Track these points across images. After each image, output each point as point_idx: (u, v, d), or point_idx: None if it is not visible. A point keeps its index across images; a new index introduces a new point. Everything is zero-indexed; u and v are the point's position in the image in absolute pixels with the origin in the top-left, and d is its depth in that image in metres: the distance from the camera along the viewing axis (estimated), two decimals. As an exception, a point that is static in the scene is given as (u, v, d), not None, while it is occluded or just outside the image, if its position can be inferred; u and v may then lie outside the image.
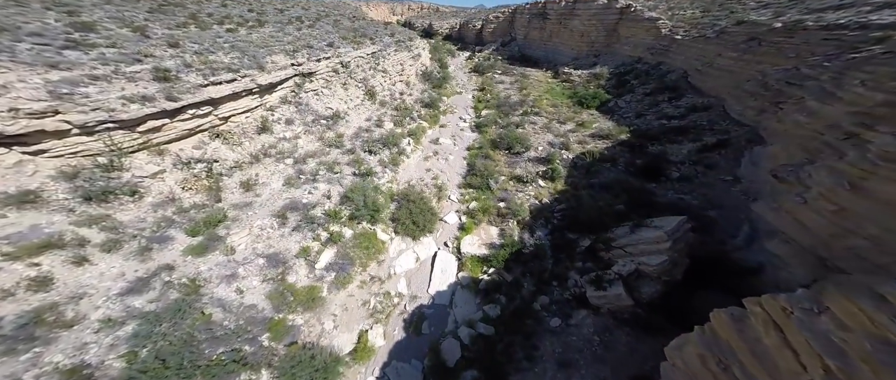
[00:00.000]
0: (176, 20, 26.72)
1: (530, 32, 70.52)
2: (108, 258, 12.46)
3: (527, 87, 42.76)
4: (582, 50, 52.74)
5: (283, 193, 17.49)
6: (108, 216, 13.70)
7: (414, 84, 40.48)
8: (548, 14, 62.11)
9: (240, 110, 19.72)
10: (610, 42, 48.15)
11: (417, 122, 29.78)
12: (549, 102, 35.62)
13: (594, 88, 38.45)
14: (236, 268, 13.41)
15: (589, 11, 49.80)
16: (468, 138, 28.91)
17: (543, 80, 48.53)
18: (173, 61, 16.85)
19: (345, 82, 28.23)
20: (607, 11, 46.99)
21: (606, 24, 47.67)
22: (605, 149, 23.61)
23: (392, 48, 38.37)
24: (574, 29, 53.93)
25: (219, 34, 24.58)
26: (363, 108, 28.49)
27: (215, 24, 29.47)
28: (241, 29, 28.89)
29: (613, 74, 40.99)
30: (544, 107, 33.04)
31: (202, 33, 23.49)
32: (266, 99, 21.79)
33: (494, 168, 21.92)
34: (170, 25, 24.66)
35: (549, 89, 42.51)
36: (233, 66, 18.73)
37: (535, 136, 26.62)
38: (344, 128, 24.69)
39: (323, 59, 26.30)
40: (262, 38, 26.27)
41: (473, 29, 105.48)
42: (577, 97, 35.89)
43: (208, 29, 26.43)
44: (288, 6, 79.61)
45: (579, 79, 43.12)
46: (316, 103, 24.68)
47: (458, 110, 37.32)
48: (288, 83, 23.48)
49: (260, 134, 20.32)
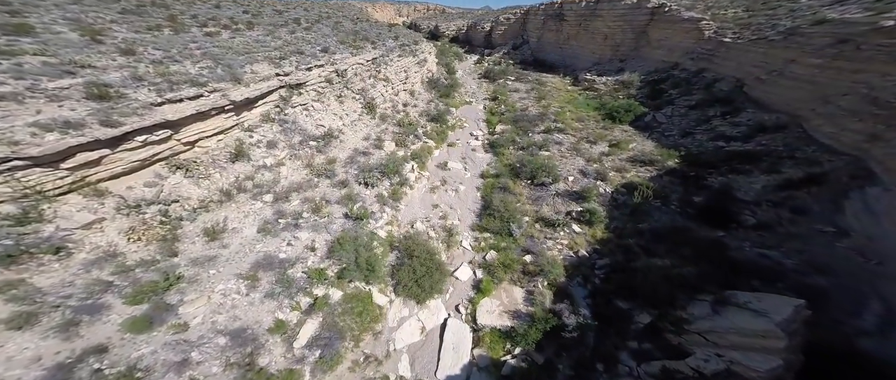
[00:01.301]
0: (149, 22, 23.97)
1: (545, 35, 67.46)
2: (20, 337, 9.65)
3: (545, 96, 39.50)
4: (605, 54, 49.50)
5: (256, 242, 14.36)
6: (21, 282, 10.72)
7: (419, 93, 37.44)
8: (565, 15, 59.03)
9: (209, 133, 16.67)
10: (638, 45, 44.85)
11: (422, 141, 26.67)
12: (574, 114, 32.32)
13: (624, 99, 35.02)
14: (189, 351, 10.48)
15: (614, 12, 46.57)
16: (481, 161, 25.64)
17: (562, 88, 45.27)
18: (118, 74, 13.85)
19: (340, 94, 25.20)
20: (636, 12, 43.75)
21: (635, 25, 44.40)
22: (650, 179, 20.18)
23: (395, 53, 35.43)
24: (596, 31, 50.81)
25: (194, 39, 21.71)
26: (361, 123, 25.39)
27: (196, 26, 26.73)
28: (224, 32, 26.08)
29: (645, 82, 37.56)
30: (569, 122, 29.73)
31: (173, 38, 20.62)
32: (243, 117, 18.76)
33: (515, 205, 18.55)
34: (139, 28, 21.87)
35: (570, 99, 39.21)
36: (199, 79, 15.72)
37: (562, 161, 23.19)
38: (337, 150, 21.57)
39: (315, 68, 23.30)
40: (244, 44, 23.39)
41: (482, 31, 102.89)
42: (605, 109, 32.41)
43: (185, 32, 23.62)
44: (289, 7, 77.82)
45: (605, 87, 39.83)
46: (305, 120, 21.62)
47: (468, 124, 34.14)
48: (271, 97, 20.46)
49: (234, 162, 17.25)
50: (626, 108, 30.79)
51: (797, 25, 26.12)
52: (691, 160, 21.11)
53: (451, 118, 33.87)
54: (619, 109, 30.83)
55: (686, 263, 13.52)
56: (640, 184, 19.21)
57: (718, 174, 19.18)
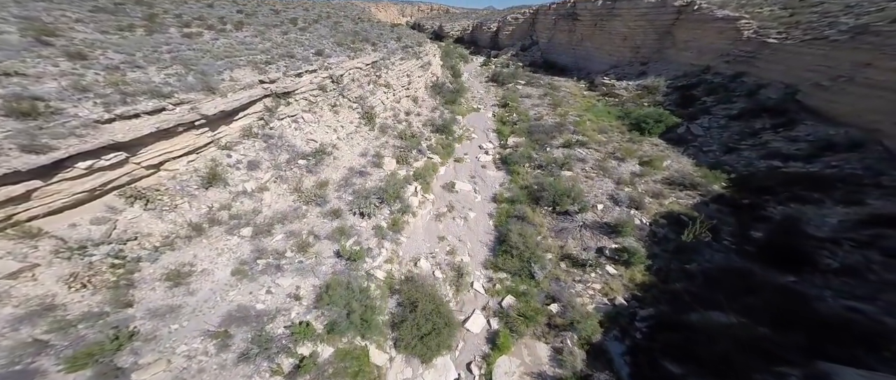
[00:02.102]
0: (122, 21, 22.02)
1: (556, 35, 65.35)
2: None
3: (560, 102, 37.19)
4: (623, 56, 47.24)
5: (229, 288, 12.16)
6: (-79, 351, 8.63)
7: (423, 100, 35.30)
8: (578, 15, 56.88)
9: (176, 153, 14.54)
10: (662, 47, 42.47)
11: (426, 156, 24.40)
12: (595, 125, 29.86)
13: (650, 106, 32.50)
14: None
15: (635, 11, 44.32)
16: (493, 181, 23.23)
17: (577, 93, 42.96)
18: (55, 84, 11.71)
19: (335, 103, 23.06)
20: (660, 11, 41.44)
21: (658, 25, 42.06)
22: (694, 207, 17.77)
23: (397, 55, 33.34)
24: (613, 31, 48.58)
25: (169, 40, 19.69)
26: (358, 136, 23.21)
27: (177, 26, 24.79)
28: (206, 33, 24.07)
29: (673, 88, 34.90)
30: (591, 133, 27.27)
31: (143, 40, 18.58)
32: (220, 133, 16.64)
33: (536, 239, 16.20)
34: (107, 28, 19.88)
35: (588, 106, 36.86)
36: (162, 89, 13.59)
37: (587, 183, 20.61)
38: (330, 170, 19.35)
39: (306, 73, 21.18)
40: (227, 46, 21.33)
41: (488, 31, 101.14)
42: (630, 119, 29.86)
43: (161, 32, 21.63)
44: (288, 7, 76.30)
45: (626, 92, 37.40)
46: (293, 135, 19.47)
47: (476, 135, 31.85)
48: (255, 108, 18.34)
49: (207, 188, 15.07)
50: (656, 117, 27.94)
51: (866, 23, 23.11)
52: (742, 184, 18.47)
53: (458, 128, 31.65)
54: (648, 118, 28.03)
55: (754, 318, 11.16)
56: (687, 215, 16.75)
57: (777, 202, 16.67)
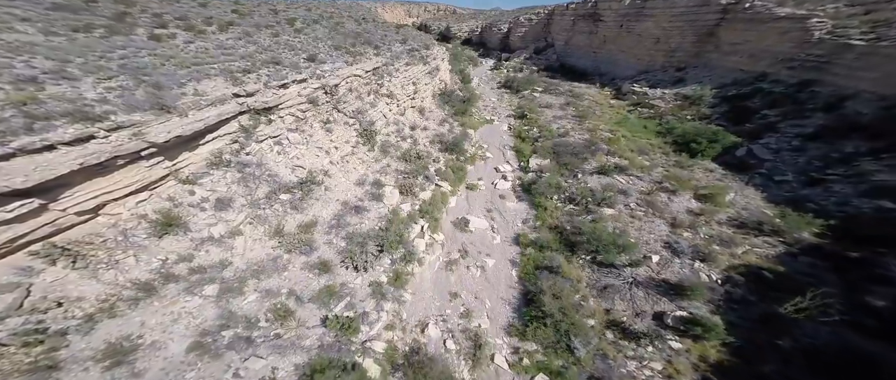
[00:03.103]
0: (81, 21, 19.40)
1: (574, 37, 62.36)
2: None
3: (586, 114, 33.85)
4: (654, 60, 44.02)
5: (186, 369, 9.18)
6: None
7: (430, 111, 32.30)
8: (601, 15, 53.84)
9: (118, 193, 11.56)
10: (702, 50, 39.11)
11: (434, 183, 21.16)
12: (631, 143, 26.38)
13: (694, 120, 28.89)
14: None
15: (671, 11, 41.12)
16: (514, 215, 19.87)
17: (603, 102, 39.69)
18: None
19: (328, 119, 20.07)
20: (702, 10, 38.12)
21: (699, 26, 38.79)
22: (778, 259, 14.38)
23: (402, 60, 30.48)
24: (643, 33, 45.39)
25: (127, 44, 16.92)
26: (355, 159, 20.15)
27: (149, 26, 22.16)
28: (180, 35, 21.35)
29: (722, 98, 31.05)
30: (629, 155, 23.82)
31: (95, 43, 15.76)
32: (181, 162, 13.67)
33: (573, 298, 12.96)
34: (57, 29, 17.18)
35: (619, 119, 33.43)
36: (92, 110, 10.63)
37: (635, 225, 17.10)
38: (319, 206, 16.24)
39: (293, 83, 18.26)
40: (200, 52, 18.51)
41: (498, 33, 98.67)
42: (673, 135, 26.37)
43: (125, 34, 18.92)
44: (291, 6, 74.32)
45: (663, 103, 33.86)
46: (275, 161, 16.47)
47: (491, 153, 28.67)
48: (227, 128, 15.40)
49: (162, 236, 12.06)
50: (710, 136, 23.95)
51: None
52: (844, 231, 14.82)
53: (470, 145, 28.44)
54: (699, 137, 24.11)
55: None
56: (770, 270, 13.44)
57: (891, 254, 13.30)
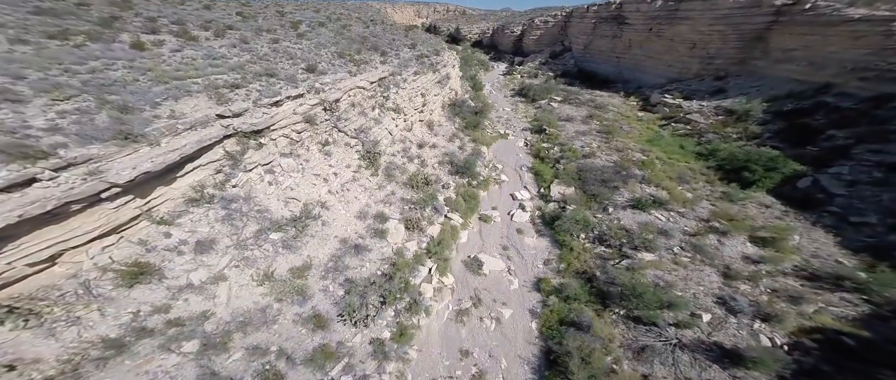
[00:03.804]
0: (57, 27, 17.99)
1: (594, 41, 60.00)
2: None
3: (612, 129, 31.39)
4: (689, 67, 41.25)
5: None
6: None
7: (439, 124, 30.34)
8: (627, 18, 51.34)
9: (79, 241, 9.84)
10: (747, 57, 36.01)
11: (444, 215, 19.05)
12: (668, 167, 23.70)
13: (741, 139, 25.88)
14: None
15: (712, 13, 38.08)
16: (534, 255, 17.60)
17: (630, 115, 37.20)
18: None
19: (326, 140, 18.22)
20: (751, 12, 34.79)
21: (745, 30, 35.61)
22: (862, 323, 11.99)
23: (411, 69, 28.67)
24: (677, 37, 42.62)
25: (103, 53, 15.33)
26: (357, 186, 18.23)
27: (138, 32, 20.76)
28: (170, 43, 19.83)
29: (776, 113, 27.51)
30: (667, 183, 21.16)
31: (62, 54, 14.16)
32: (154, 199, 11.87)
33: (604, 361, 10.79)
34: (26, 37, 15.73)
35: (650, 135, 30.77)
36: (36, 143, 8.86)
37: (679, 273, 14.66)
38: (315, 244, 14.25)
39: (287, 100, 16.49)
40: (184, 63, 16.82)
41: (511, 35, 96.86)
42: (717, 159, 23.60)
43: (106, 42, 17.41)
44: (300, 7, 73.70)
45: (702, 118, 30.94)
46: (266, 193, 14.61)
47: (507, 175, 26.42)
48: (210, 155, 13.63)
49: (132, 285, 10.29)
50: (766, 163, 20.34)
51: None
52: None
53: (483, 166, 26.23)
54: (752, 163, 20.68)
55: None
56: (853, 335, 11.10)
57: None
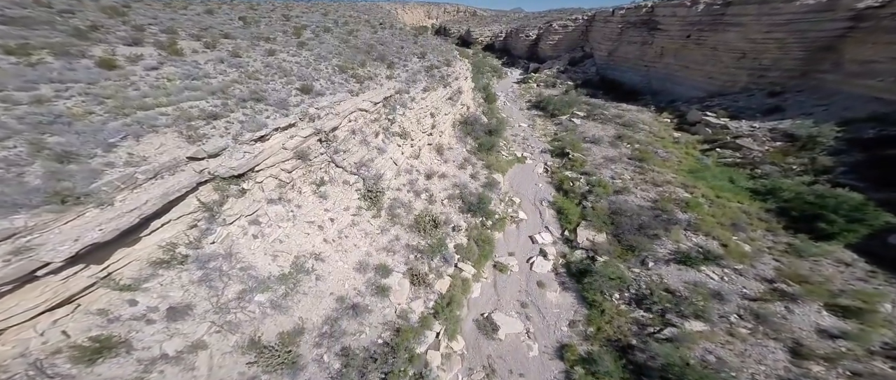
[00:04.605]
0: (26, 38, 16.32)
1: (620, 48, 57.27)
2: None
3: (646, 155, 28.55)
4: (735, 80, 37.78)
5: None
6: None
7: (449, 148, 28.06)
8: (659, 23, 48.35)
9: (22, 317, 7.82)
10: (810, 69, 32.57)
11: (453, 265, 16.82)
12: (715, 208, 20.78)
13: (807, 171, 23.00)
14: None
15: (768, 19, 34.27)
16: (557, 315, 15.41)
17: (664, 135, 34.38)
18: None
19: (321, 179, 16.04)
20: (822, 17, 31.07)
21: (811, 39, 32.06)
22: None
23: (419, 84, 26.52)
24: (721, 46, 39.21)
25: (60, 75, 13.39)
26: (356, 232, 16.00)
27: (116, 44, 19.04)
28: (148, 58, 17.96)
29: (852, 141, 23.51)
30: (719, 232, 18.39)
31: (2, 77, 12.33)
32: (116, 262, 9.76)
33: None
34: None
35: (693, 165, 27.67)
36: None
37: (735, 349, 12.19)
38: (308, 302, 12.02)
39: (276, 132, 14.35)
40: (157, 86, 14.78)
41: (525, 39, 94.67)
42: (778, 198, 20.77)
43: (71, 59, 15.59)
44: (307, 10, 72.79)
45: (755, 144, 27.46)
46: (250, 248, 12.44)
47: (525, 211, 23.92)
48: (181, 208, 11.56)
49: (94, 360, 8.11)
50: (850, 211, 17.28)
51: None
52: None
53: (498, 198, 23.76)
54: (830, 210, 17.56)
55: None
56: None
57: None
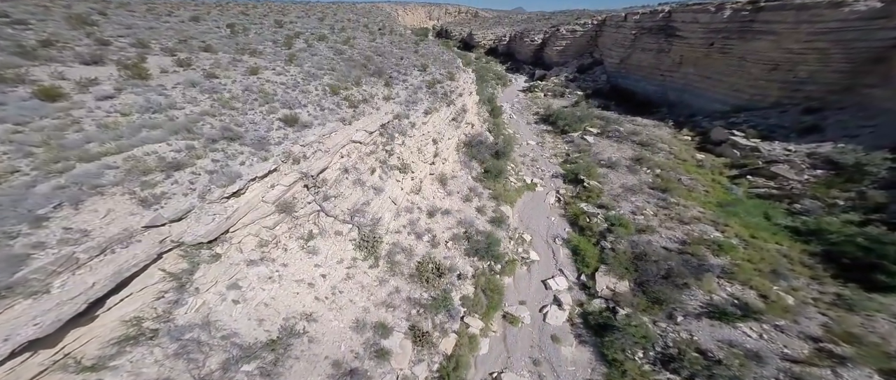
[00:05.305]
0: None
1: (633, 55, 55.59)
2: None
3: (668, 183, 26.52)
4: (765, 93, 35.69)
5: None
6: None
7: (453, 177, 26.20)
8: (678, 29, 46.30)
9: None
10: (854, 83, 30.26)
11: (459, 320, 15.22)
12: (751, 250, 19.03)
13: (854, 206, 21.24)
14: None
15: (809, 27, 31.65)
16: (573, 373, 14.13)
17: (686, 156, 32.49)
18: None
19: (310, 233, 14.10)
20: (873, 25, 28.64)
21: (859, 49, 29.67)
22: None
23: (421, 105, 24.72)
24: (750, 56, 37.00)
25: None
26: (351, 286, 14.08)
27: (70, 62, 17.27)
28: (102, 83, 16.11)
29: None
30: (758, 281, 16.62)
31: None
32: (71, 343, 7.86)
33: None
34: None
35: (722, 196, 25.55)
36: None
37: None
38: (300, 371, 10.35)
39: (253, 182, 12.49)
40: (106, 125, 12.79)
41: (530, 44, 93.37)
42: (822, 241, 18.97)
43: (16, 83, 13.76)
44: (303, 13, 71.48)
45: (793, 172, 25.32)
46: (231, 315, 10.53)
47: (537, 251, 22.02)
48: (143, 279, 9.67)
49: None
50: None
51: None
52: None
53: (507, 237, 21.85)
54: (889, 259, 15.98)
55: None
56: None
57: None
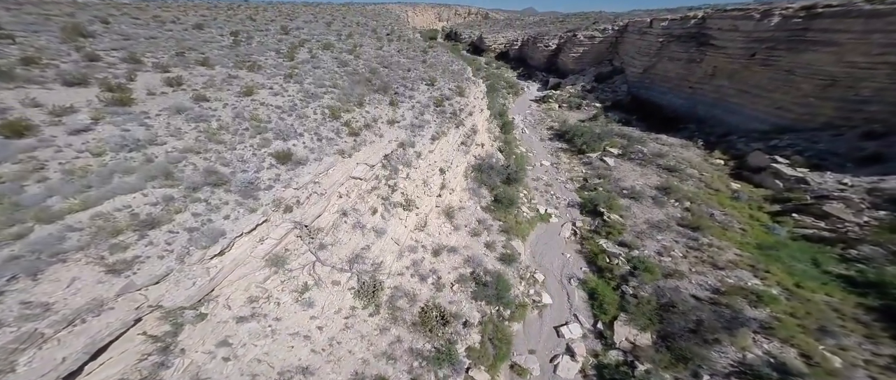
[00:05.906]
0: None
1: (659, 64, 53.47)
2: None
3: (699, 219, 24.43)
4: (815, 113, 32.23)
5: None
6: None
7: (461, 208, 24.85)
8: (712, 37, 43.24)
9: None
10: None
11: (463, 374, 14.22)
12: (794, 302, 17.42)
13: None
14: None
15: (881, 37, 28.25)
16: None
17: (720, 186, 29.61)
18: None
19: (304, 285, 13.08)
20: None
21: None
22: None
23: (428, 129, 23.54)
24: (800, 69, 33.51)
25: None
26: (349, 338, 12.89)
27: (51, 84, 16.60)
28: (76, 114, 15.30)
29: None
30: (801, 339, 15.09)
31: None
32: None
33: None
34: None
35: (761, 237, 23.34)
36: None
37: None
38: None
39: (240, 237, 11.53)
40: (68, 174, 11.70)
41: (544, 49, 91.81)
42: (882, 295, 17.23)
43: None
44: (311, 17, 71.57)
45: (850, 212, 22.82)
46: (221, 373, 9.76)
47: (550, 292, 20.68)
48: (121, 344, 8.71)
49: None
50: None
51: None
52: None
53: (517, 277, 20.50)
54: None
55: None
56: None
57: None
